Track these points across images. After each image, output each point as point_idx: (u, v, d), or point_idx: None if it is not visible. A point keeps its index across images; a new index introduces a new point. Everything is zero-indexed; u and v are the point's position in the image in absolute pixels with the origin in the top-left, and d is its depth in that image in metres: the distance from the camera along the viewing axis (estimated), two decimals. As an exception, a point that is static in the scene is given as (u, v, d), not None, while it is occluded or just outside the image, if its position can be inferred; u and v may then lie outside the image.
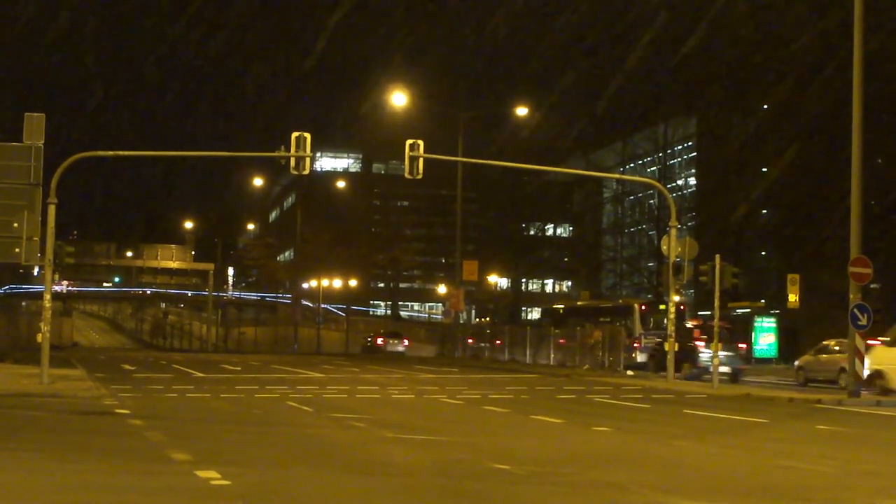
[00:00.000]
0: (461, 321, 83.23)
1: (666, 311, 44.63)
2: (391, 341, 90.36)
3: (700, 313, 70.58)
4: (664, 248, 42.51)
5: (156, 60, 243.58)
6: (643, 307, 64.29)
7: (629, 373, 48.82)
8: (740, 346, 43.40)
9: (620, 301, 70.81)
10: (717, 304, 39.45)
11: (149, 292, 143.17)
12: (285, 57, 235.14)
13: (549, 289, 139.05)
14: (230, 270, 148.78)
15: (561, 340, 61.25)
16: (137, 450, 17.83)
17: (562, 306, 77.82)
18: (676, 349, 42.54)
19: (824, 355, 44.20)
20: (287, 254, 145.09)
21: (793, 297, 56.93)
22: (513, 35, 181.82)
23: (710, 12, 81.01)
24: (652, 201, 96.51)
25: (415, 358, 74.05)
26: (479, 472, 15.89)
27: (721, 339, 40.63)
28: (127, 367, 50.80)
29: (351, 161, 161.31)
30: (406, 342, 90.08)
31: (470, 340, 74.97)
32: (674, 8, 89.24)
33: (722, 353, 41.21)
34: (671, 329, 42.49)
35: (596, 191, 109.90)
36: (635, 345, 56.32)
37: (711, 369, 39.91)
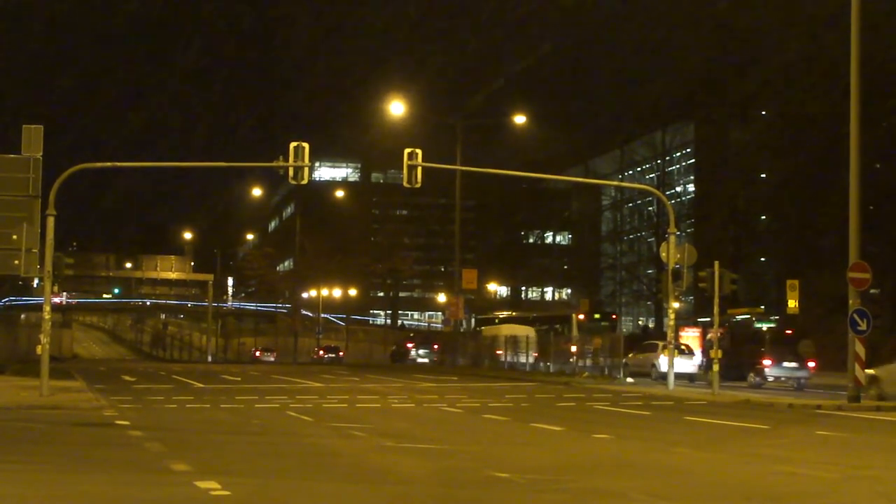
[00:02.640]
0: (461, 329, 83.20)
1: (666, 318, 44.75)
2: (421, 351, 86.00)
3: (699, 320, 70.63)
4: (663, 254, 42.50)
5: (154, 71, 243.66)
6: (580, 316, 73.28)
7: (629, 380, 48.83)
8: (808, 363, 45.38)
9: (559, 311, 77.82)
10: (716, 310, 39.46)
11: (148, 303, 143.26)
12: (283, 67, 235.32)
13: (548, 296, 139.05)
14: (229, 281, 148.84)
15: (498, 351, 66.98)
16: (137, 461, 17.82)
17: (500, 315, 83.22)
18: (732, 358, 45.69)
19: (641, 354, 52.17)
20: (286, 264, 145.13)
21: (792, 303, 56.88)
22: (512, 44, 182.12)
23: (708, 20, 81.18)
24: (651, 208, 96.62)
25: (414, 367, 74.01)
26: (479, 481, 15.88)
27: (721, 347, 40.62)
28: (127, 378, 50.77)
29: (349, 170, 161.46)
30: (436, 347, 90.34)
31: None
32: (672, 17, 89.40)
33: (789, 365, 45.41)
34: (670, 336, 42.52)
35: (595, 198, 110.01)
36: (573, 349, 60.47)
37: (772, 378, 41.20)
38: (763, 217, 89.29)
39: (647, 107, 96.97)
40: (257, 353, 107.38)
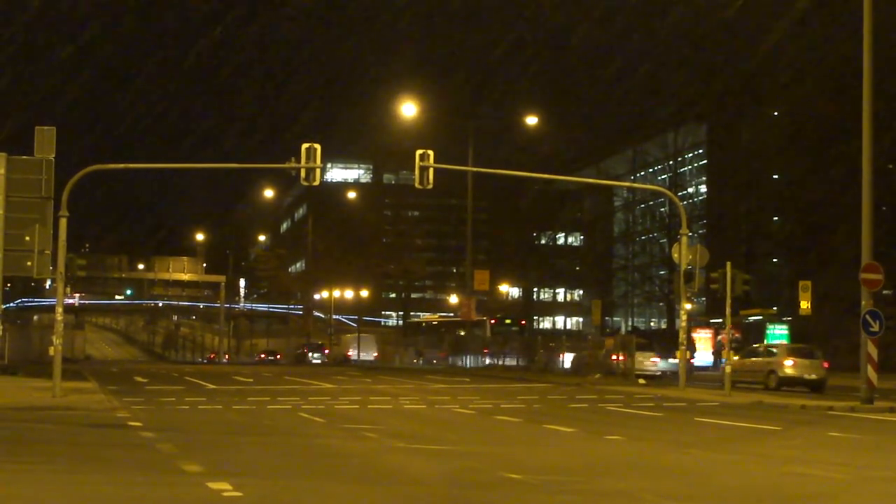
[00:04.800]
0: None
1: (678, 319, 44.63)
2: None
3: (712, 321, 70.57)
4: (675, 255, 42.47)
5: (166, 73, 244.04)
6: (493, 321, 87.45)
7: (641, 381, 48.76)
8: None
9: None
10: (728, 311, 39.40)
11: (161, 305, 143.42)
12: (295, 68, 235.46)
13: (560, 297, 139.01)
14: (242, 282, 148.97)
15: (442, 354, 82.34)
16: (149, 462, 17.84)
17: (427, 320, 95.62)
18: None
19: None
20: (298, 265, 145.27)
21: (804, 304, 56.79)
22: (524, 44, 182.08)
23: (721, 21, 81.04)
24: (663, 209, 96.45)
25: (426, 368, 74.03)
26: (491, 482, 15.87)
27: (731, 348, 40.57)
28: (139, 379, 50.85)
29: (361, 172, 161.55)
30: (326, 351, 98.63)
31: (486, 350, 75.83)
32: (685, 18, 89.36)
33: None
34: (682, 338, 42.44)
35: (607, 199, 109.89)
36: (486, 350, 76.08)
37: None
38: (776, 218, 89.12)
39: (659, 107, 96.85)
40: (262, 356, 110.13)
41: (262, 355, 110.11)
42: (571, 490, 15.23)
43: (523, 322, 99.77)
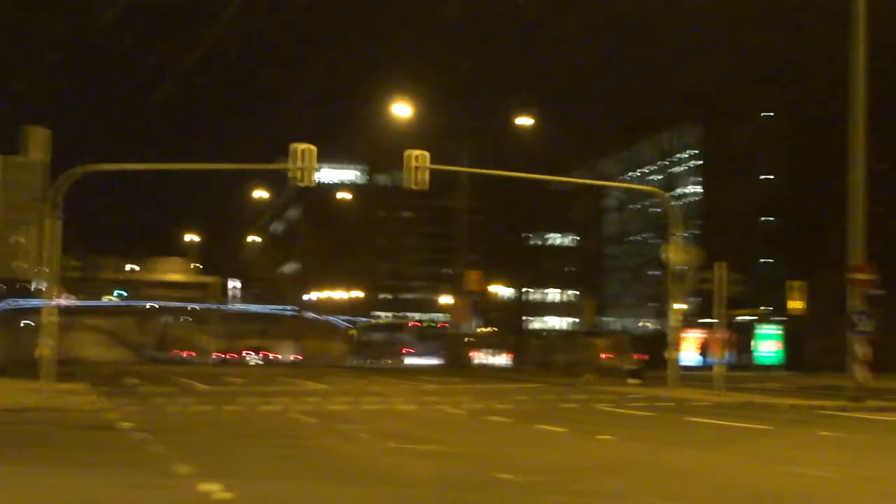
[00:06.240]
0: (465, 331, 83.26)
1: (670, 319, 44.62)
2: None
3: (704, 321, 70.61)
4: (667, 256, 42.48)
5: (159, 74, 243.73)
6: (413, 324, 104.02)
7: (631, 381, 48.79)
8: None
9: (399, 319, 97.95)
10: (719, 311, 39.41)
11: (152, 306, 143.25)
12: (289, 69, 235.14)
13: (552, 298, 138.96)
14: (233, 283, 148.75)
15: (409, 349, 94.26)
16: (140, 463, 17.81)
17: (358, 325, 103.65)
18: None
19: None
20: (291, 266, 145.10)
21: (795, 304, 56.76)
22: (516, 45, 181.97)
23: (712, 22, 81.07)
24: (655, 210, 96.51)
25: (419, 369, 74.04)
26: (483, 483, 15.87)
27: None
28: (130, 380, 50.78)
29: (355, 173, 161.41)
30: (262, 353, 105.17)
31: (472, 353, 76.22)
32: (677, 19, 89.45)
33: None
34: (673, 337, 42.45)
35: (600, 200, 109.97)
36: (409, 350, 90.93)
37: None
38: (768, 218, 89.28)
39: (653, 108, 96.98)
40: (244, 353, 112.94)
41: (181, 353, 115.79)
42: (563, 490, 15.22)
43: (443, 324, 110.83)
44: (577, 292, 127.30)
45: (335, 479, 16.34)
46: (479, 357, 77.40)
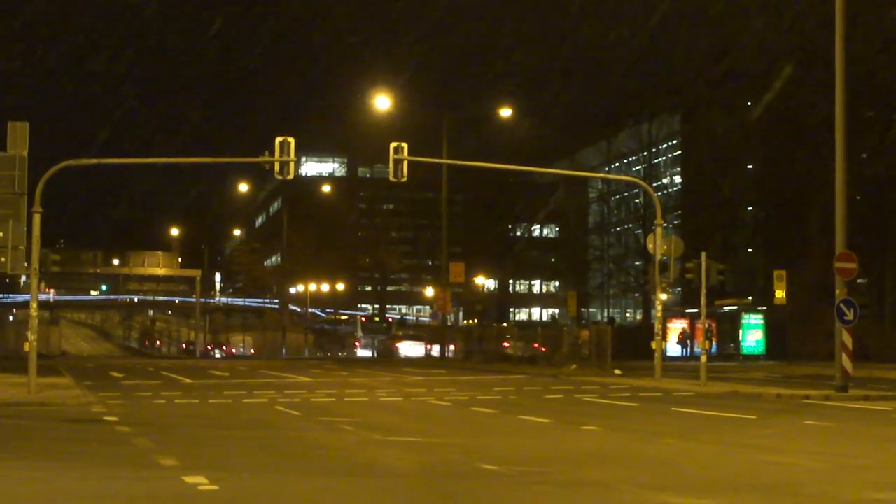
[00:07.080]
0: (449, 323, 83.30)
1: (654, 310, 44.70)
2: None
3: (687, 311, 70.80)
4: (650, 246, 42.53)
5: (139, 67, 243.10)
6: (363, 318, 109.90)
7: (616, 371, 48.82)
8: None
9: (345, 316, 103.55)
10: (703, 301, 39.49)
11: (136, 300, 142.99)
12: (269, 61, 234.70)
13: (535, 289, 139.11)
14: (217, 276, 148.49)
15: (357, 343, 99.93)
16: (125, 456, 17.79)
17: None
18: None
19: None
20: (274, 259, 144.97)
21: (779, 294, 56.99)
22: (497, 35, 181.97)
23: (695, 11, 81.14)
24: (637, 200, 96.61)
25: (403, 360, 74.09)
26: (467, 473, 15.89)
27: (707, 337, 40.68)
28: (115, 374, 50.66)
29: (336, 165, 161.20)
30: (209, 347, 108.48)
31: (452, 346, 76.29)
32: (659, 8, 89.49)
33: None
34: (658, 328, 42.53)
35: (582, 190, 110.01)
36: (356, 344, 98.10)
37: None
38: (750, 208, 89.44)
39: (633, 98, 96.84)
40: (209, 348, 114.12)
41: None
42: (548, 480, 15.25)
43: (390, 319, 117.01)
44: (558, 283, 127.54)
45: (320, 471, 16.35)
46: (404, 348, 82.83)
